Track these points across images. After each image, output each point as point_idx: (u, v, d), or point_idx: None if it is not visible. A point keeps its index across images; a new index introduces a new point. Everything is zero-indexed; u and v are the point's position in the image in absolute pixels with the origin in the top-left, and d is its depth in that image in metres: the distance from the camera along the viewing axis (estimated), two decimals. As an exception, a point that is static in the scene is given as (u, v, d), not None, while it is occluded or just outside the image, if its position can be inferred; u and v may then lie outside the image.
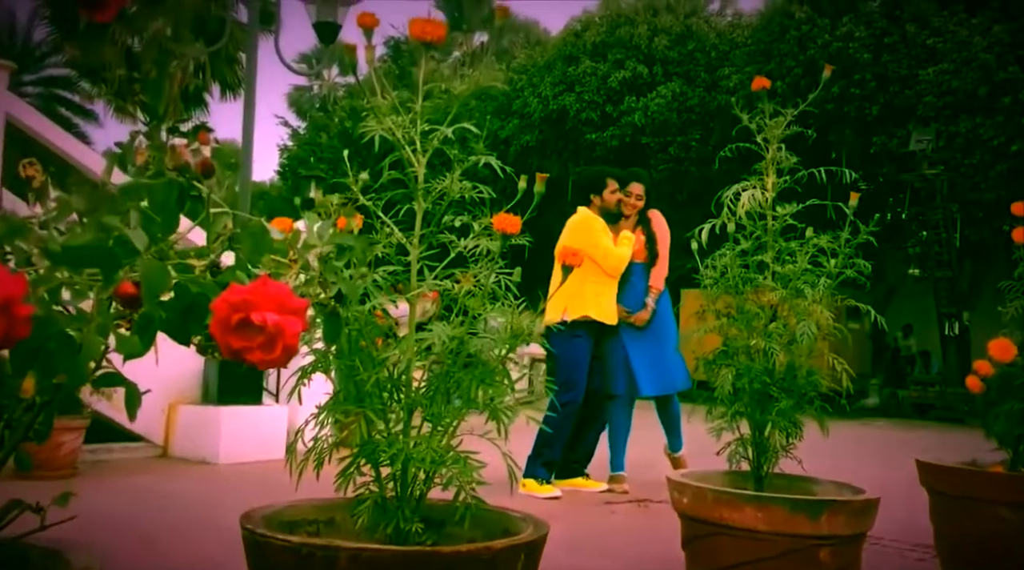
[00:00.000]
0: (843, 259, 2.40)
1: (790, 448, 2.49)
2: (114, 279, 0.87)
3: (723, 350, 2.45)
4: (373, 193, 1.68)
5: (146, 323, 0.94)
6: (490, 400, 1.55)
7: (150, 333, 0.95)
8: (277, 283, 0.84)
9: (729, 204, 2.42)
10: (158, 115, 2.30)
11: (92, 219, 0.87)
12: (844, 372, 2.35)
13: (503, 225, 1.52)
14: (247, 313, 0.83)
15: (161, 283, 0.87)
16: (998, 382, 2.79)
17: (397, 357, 1.57)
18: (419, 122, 1.68)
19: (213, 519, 4.04)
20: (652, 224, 5.17)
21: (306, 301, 0.84)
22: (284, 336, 0.84)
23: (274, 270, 0.99)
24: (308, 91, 33.45)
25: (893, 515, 3.06)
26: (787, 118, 2.48)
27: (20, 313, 0.77)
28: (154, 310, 0.88)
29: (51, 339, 0.87)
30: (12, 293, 0.77)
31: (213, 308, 0.84)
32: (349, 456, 1.69)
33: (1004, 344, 2.72)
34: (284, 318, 0.84)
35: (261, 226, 0.96)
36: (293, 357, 0.87)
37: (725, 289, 2.44)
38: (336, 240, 1.09)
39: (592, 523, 4.23)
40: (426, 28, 1.64)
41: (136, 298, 0.91)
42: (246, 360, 0.85)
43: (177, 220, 0.93)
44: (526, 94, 18.37)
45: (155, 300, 0.88)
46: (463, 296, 1.59)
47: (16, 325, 0.77)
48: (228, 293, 0.84)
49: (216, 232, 0.97)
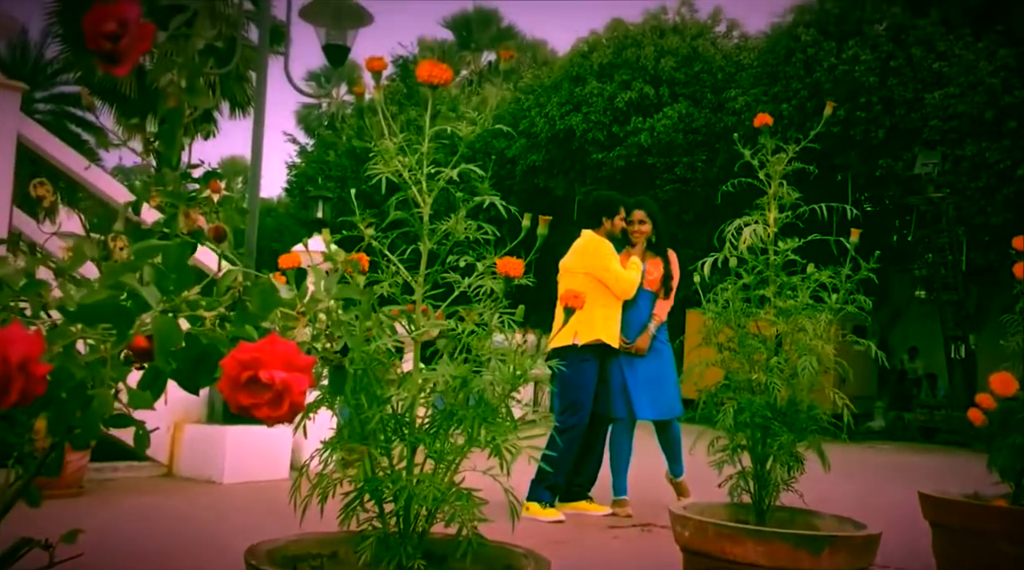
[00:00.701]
0: (844, 294, 2.42)
1: (791, 482, 2.50)
2: (128, 335, 0.90)
3: (725, 383, 2.47)
4: (380, 232, 1.71)
5: (155, 375, 0.96)
6: (492, 438, 1.57)
7: (159, 385, 0.98)
8: (285, 341, 0.86)
9: (731, 239, 2.45)
10: (172, 165, 2.32)
11: (106, 275, 0.90)
12: (845, 407, 2.36)
13: (506, 268, 1.55)
14: (256, 371, 0.85)
15: (173, 339, 0.90)
16: (1000, 416, 2.80)
17: (401, 396, 1.60)
18: (425, 163, 1.71)
19: (218, 540, 4.06)
20: (672, 263, 5.25)
21: (313, 359, 0.87)
22: (291, 393, 0.86)
23: (282, 323, 1.02)
24: (316, 109, 33.70)
25: (896, 545, 3.06)
26: (789, 154, 2.51)
27: (38, 372, 0.80)
28: (165, 366, 0.91)
29: (64, 390, 0.90)
30: (30, 352, 0.80)
31: (223, 366, 0.86)
32: (353, 491, 1.71)
33: (1005, 378, 2.73)
34: (292, 375, 0.86)
35: (270, 283, 0.99)
36: (299, 413, 0.89)
37: (726, 322, 2.46)
38: (342, 295, 1.12)
39: (595, 548, 4.22)
40: (433, 72, 1.67)
41: (148, 351, 0.94)
42: (254, 416, 0.87)
43: (190, 278, 0.96)
44: (533, 114, 18.47)
45: (167, 355, 0.90)
46: (466, 335, 1.61)
47: (33, 383, 0.80)
48: (238, 351, 0.86)
49: (227, 285, 1.00)
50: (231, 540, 4.09)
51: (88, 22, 1.09)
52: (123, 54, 1.10)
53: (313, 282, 1.12)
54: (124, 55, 1.10)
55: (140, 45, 1.10)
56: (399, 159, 1.68)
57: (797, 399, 2.40)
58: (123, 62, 1.11)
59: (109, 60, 1.11)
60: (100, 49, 1.10)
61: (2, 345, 0.79)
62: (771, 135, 2.61)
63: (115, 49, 1.10)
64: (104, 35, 1.09)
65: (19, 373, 0.79)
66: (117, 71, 1.11)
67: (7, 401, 0.79)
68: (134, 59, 1.11)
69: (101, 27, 1.09)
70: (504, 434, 1.59)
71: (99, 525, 4.18)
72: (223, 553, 3.75)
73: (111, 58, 1.10)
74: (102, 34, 1.09)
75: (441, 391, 1.62)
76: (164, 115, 1.19)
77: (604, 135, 17.51)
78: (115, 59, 1.10)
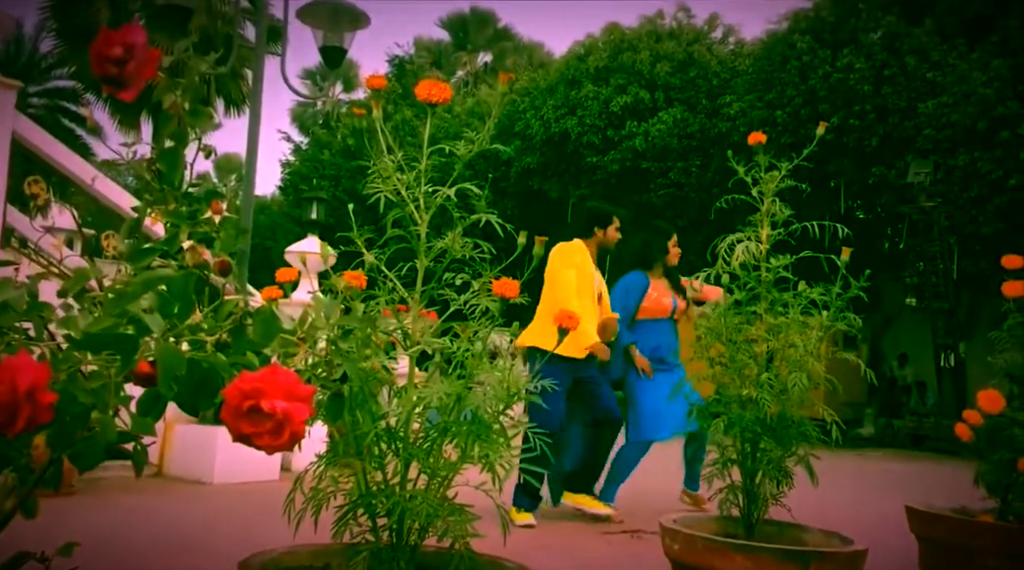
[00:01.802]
0: (834, 312, 2.45)
1: (780, 496, 2.52)
2: (132, 361, 0.92)
3: (716, 398, 2.50)
4: (377, 248, 1.73)
5: (155, 399, 0.98)
6: (485, 455, 1.59)
7: (159, 408, 1.00)
8: (287, 371, 0.88)
9: (724, 255, 2.47)
10: (174, 185, 2.28)
11: (111, 303, 0.92)
12: (834, 424, 2.39)
13: (502, 289, 1.57)
14: (258, 400, 0.87)
15: (177, 366, 0.91)
16: (987, 432, 2.83)
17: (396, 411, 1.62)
18: (423, 181, 1.73)
19: (207, 541, 4.07)
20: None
21: (313, 389, 0.89)
22: (292, 423, 0.88)
23: (283, 350, 1.04)
24: (311, 107, 33.66)
25: (883, 559, 3.09)
26: (782, 172, 2.54)
27: (44, 400, 0.81)
28: (167, 391, 0.93)
29: (69, 414, 0.91)
30: (38, 381, 0.81)
31: (226, 395, 0.88)
32: (347, 504, 1.72)
33: (993, 396, 2.76)
34: (292, 405, 0.88)
35: (271, 312, 1.01)
36: (299, 442, 0.91)
37: (717, 338, 2.49)
38: (342, 323, 1.14)
39: (586, 554, 4.25)
40: (432, 91, 1.69)
41: (151, 377, 0.95)
42: (255, 445, 0.89)
43: (192, 307, 0.98)
44: (528, 116, 18.48)
45: (169, 382, 0.92)
46: (461, 353, 1.63)
47: (40, 411, 0.81)
48: (240, 381, 0.88)
49: (228, 311, 1.02)
50: (220, 542, 4.10)
51: (95, 47, 1.11)
52: (129, 79, 1.12)
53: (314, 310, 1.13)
54: (130, 80, 1.12)
55: (146, 70, 1.12)
56: (397, 176, 1.70)
57: (787, 414, 2.43)
58: (129, 87, 1.12)
59: (115, 85, 1.12)
60: (106, 74, 1.11)
61: (10, 374, 0.81)
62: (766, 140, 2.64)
63: (121, 74, 1.12)
64: (110, 60, 1.11)
65: (26, 401, 0.80)
66: (123, 96, 1.13)
67: (14, 429, 0.81)
68: (140, 85, 1.12)
69: (107, 52, 1.11)
70: (497, 451, 1.61)
71: (89, 525, 4.19)
72: (213, 556, 3.76)
73: (117, 83, 1.12)
74: (108, 59, 1.11)
75: (436, 407, 1.64)
76: (169, 136, 1.21)
77: (599, 139, 17.54)
78: (121, 84, 1.12)
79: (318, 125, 30.04)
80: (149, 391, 0.98)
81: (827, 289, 2.46)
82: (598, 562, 4.14)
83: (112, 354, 0.93)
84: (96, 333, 0.90)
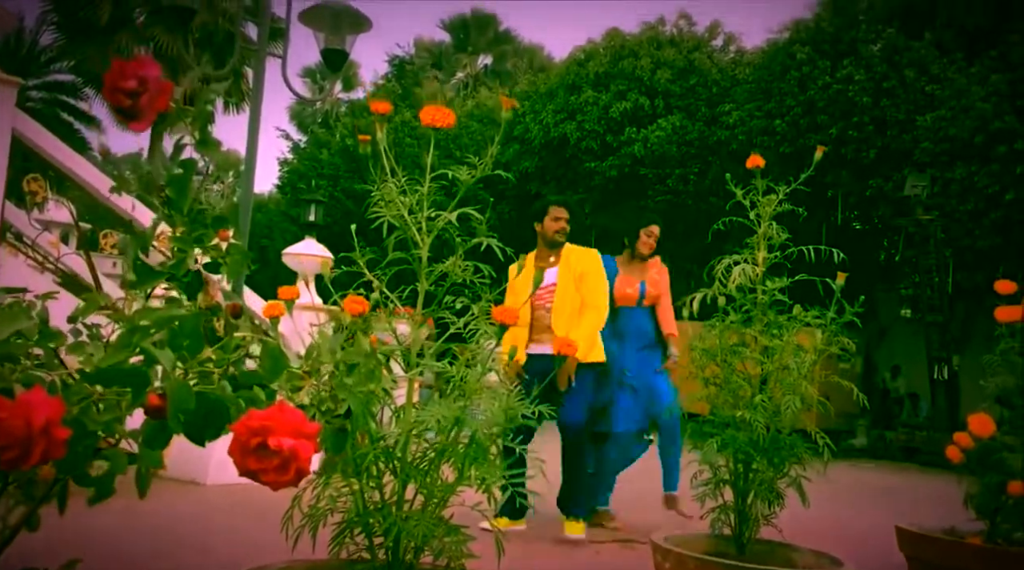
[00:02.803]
0: (828, 336, 2.48)
1: (771, 516, 2.55)
2: (143, 395, 0.94)
3: (710, 418, 2.52)
4: (379, 270, 1.76)
5: (161, 430, 1.00)
6: (482, 479, 1.62)
7: (164, 438, 1.02)
8: (294, 409, 0.90)
9: (720, 277, 2.50)
10: (182, 211, 2.28)
11: (122, 337, 0.94)
12: (826, 447, 2.42)
13: (502, 316, 1.59)
14: (265, 438, 0.90)
15: (187, 401, 0.94)
16: (977, 455, 2.86)
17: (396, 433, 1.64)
18: (425, 205, 1.75)
19: (201, 542, 4.09)
20: (660, 276, 5.32)
21: (319, 426, 0.91)
22: (298, 460, 0.91)
23: (289, 384, 1.06)
24: (311, 106, 33.64)
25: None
26: (779, 196, 2.57)
27: (59, 436, 0.84)
28: (177, 426, 0.95)
29: (80, 446, 0.94)
30: (52, 417, 0.83)
31: (233, 431, 0.90)
32: (344, 522, 1.75)
33: (983, 419, 2.79)
34: (299, 442, 0.90)
35: (278, 348, 1.03)
36: (304, 478, 0.93)
37: (712, 359, 2.51)
38: (347, 359, 1.16)
39: (576, 565, 4.27)
40: (436, 116, 1.71)
41: (161, 409, 0.98)
42: (261, 480, 0.91)
43: (203, 345, 1.00)
44: (527, 120, 18.52)
45: (179, 415, 0.95)
46: (458, 377, 1.66)
47: (54, 447, 0.84)
48: (248, 418, 0.90)
49: (235, 343, 1.04)
50: (214, 543, 4.11)
51: (108, 78, 1.13)
52: (142, 111, 1.14)
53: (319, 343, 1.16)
54: (143, 112, 1.14)
55: (159, 102, 1.14)
56: (400, 200, 1.72)
57: (779, 436, 2.45)
58: (141, 118, 1.14)
59: (127, 115, 1.14)
60: (119, 105, 1.14)
61: (25, 409, 0.83)
62: (765, 148, 2.67)
63: (134, 106, 1.14)
64: (124, 92, 1.13)
65: (41, 437, 0.82)
66: (135, 127, 1.15)
67: (28, 463, 0.83)
68: (152, 116, 1.14)
69: (121, 83, 1.13)
70: (494, 474, 1.64)
71: (83, 527, 4.20)
72: (208, 557, 3.78)
73: (130, 114, 1.14)
74: (122, 91, 1.13)
75: (433, 429, 1.66)
76: (179, 164, 1.23)
77: (598, 144, 17.58)
78: (134, 115, 1.14)
79: (317, 124, 30.03)
80: (155, 423, 1.00)
81: (822, 313, 2.49)
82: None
83: (123, 387, 0.95)
84: (109, 369, 0.92)
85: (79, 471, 0.99)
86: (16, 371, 0.97)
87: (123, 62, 1.14)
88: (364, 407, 1.18)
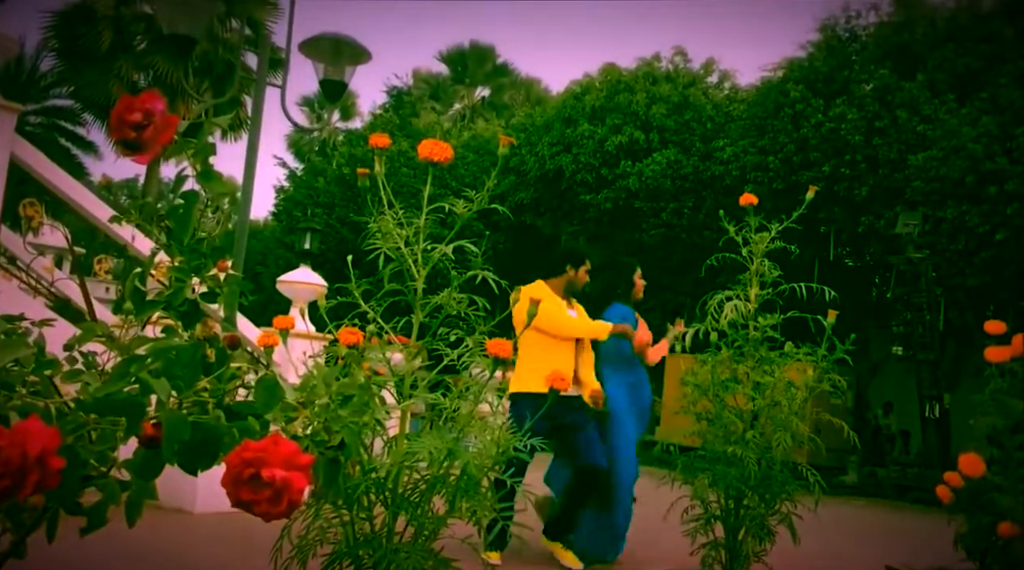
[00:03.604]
0: (820, 372, 2.49)
1: (762, 553, 2.54)
2: (138, 426, 0.95)
3: (701, 454, 2.52)
4: (374, 301, 1.77)
5: (152, 459, 1.01)
6: (473, 511, 1.62)
7: (155, 468, 1.03)
8: (287, 441, 0.91)
9: (713, 313, 2.52)
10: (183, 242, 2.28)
11: (119, 367, 0.95)
12: (817, 484, 2.42)
13: (496, 350, 1.60)
14: (259, 469, 0.90)
15: (182, 432, 0.94)
16: (967, 495, 2.86)
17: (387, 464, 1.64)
18: (422, 237, 1.77)
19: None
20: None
21: (312, 458, 0.92)
22: (290, 491, 0.91)
23: (283, 415, 1.07)
24: (308, 134, 33.80)
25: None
26: (772, 233, 2.59)
27: (53, 465, 0.84)
28: (171, 457, 0.96)
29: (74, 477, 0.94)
30: (47, 446, 0.84)
31: (227, 462, 0.91)
32: (334, 553, 1.74)
33: (974, 459, 2.79)
34: (291, 474, 0.91)
35: (274, 379, 1.04)
36: (296, 509, 0.94)
37: (703, 394, 2.52)
38: (342, 390, 1.17)
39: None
40: (434, 150, 1.73)
41: (156, 439, 0.98)
42: (253, 511, 0.92)
43: (199, 375, 1.01)
44: (524, 152, 18.65)
45: (174, 446, 0.95)
46: (451, 409, 1.66)
47: (48, 477, 0.84)
48: (242, 449, 0.91)
49: (230, 372, 1.05)
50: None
51: (115, 112, 1.15)
52: (146, 144, 1.16)
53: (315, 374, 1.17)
54: (148, 145, 1.15)
55: (163, 136, 1.16)
56: (396, 232, 1.74)
57: (770, 473, 2.45)
58: (146, 151, 1.16)
59: (132, 148, 1.16)
60: (125, 138, 1.15)
61: (22, 438, 0.83)
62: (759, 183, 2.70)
63: (139, 138, 1.15)
64: (129, 125, 1.15)
65: (36, 466, 0.83)
66: (139, 160, 1.17)
67: (23, 493, 0.83)
68: (157, 149, 1.16)
69: (127, 117, 1.15)
70: (485, 506, 1.64)
71: (67, 555, 4.15)
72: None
73: (134, 147, 1.16)
74: (128, 124, 1.14)
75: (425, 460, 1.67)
76: (181, 196, 1.25)
77: (593, 177, 17.70)
78: (138, 148, 1.16)
79: (314, 152, 30.16)
80: (148, 452, 1.01)
81: (813, 349, 2.50)
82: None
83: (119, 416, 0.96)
84: (105, 399, 0.93)
85: (70, 500, 0.99)
86: (12, 399, 0.97)
87: (130, 96, 1.16)
88: (356, 438, 1.19)
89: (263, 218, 29.81)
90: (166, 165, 22.85)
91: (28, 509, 1.26)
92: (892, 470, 14.31)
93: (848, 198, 14.78)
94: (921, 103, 14.59)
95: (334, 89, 8.07)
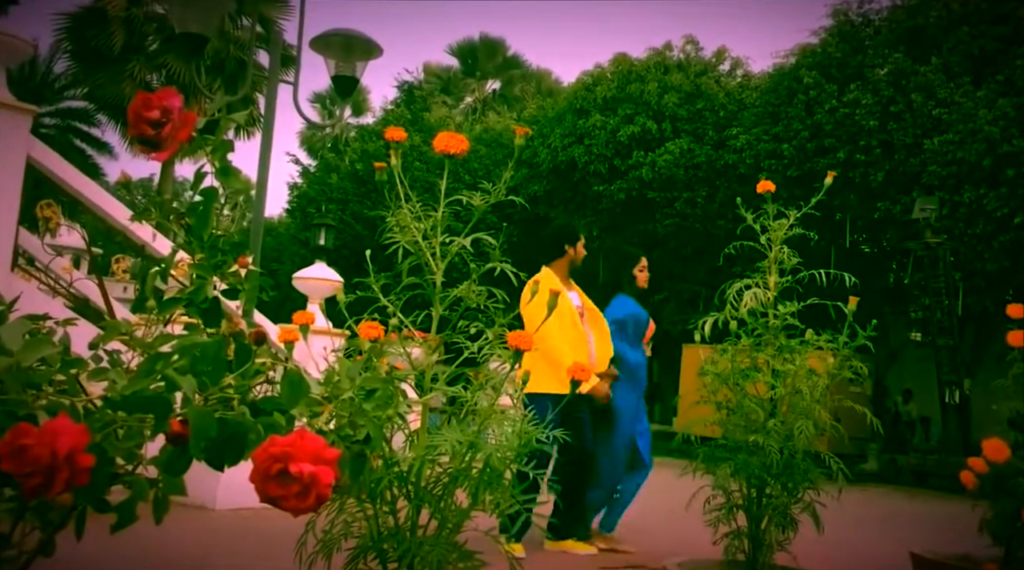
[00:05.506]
0: (841, 359, 2.48)
1: (785, 542, 2.53)
2: (166, 423, 0.95)
3: (722, 443, 2.51)
4: (394, 295, 1.77)
5: (180, 455, 1.01)
6: (496, 504, 1.62)
7: (183, 464, 1.03)
8: (314, 436, 0.91)
9: (732, 301, 2.50)
10: (203, 240, 2.29)
11: (145, 364, 0.95)
12: (840, 471, 2.41)
13: (517, 341, 1.60)
14: (286, 464, 0.90)
15: (209, 429, 0.94)
16: (992, 480, 2.84)
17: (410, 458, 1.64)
18: (439, 230, 1.76)
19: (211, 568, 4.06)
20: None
21: (339, 452, 0.92)
22: (318, 486, 0.91)
23: (309, 410, 1.07)
24: (321, 130, 33.87)
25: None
26: (791, 220, 2.57)
27: (83, 463, 0.84)
28: (198, 453, 0.96)
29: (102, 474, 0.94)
30: (77, 445, 0.84)
31: (254, 458, 0.91)
32: (358, 548, 1.75)
33: (998, 444, 2.77)
34: (319, 469, 0.91)
35: (299, 374, 1.04)
36: (324, 503, 0.94)
37: (724, 383, 2.51)
38: (365, 384, 1.17)
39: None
40: (450, 143, 1.73)
41: (183, 436, 0.98)
42: (282, 507, 0.92)
43: (224, 371, 1.01)
44: (536, 144, 18.61)
45: (200, 442, 0.95)
46: (472, 401, 1.66)
47: (78, 474, 0.84)
48: (269, 444, 0.91)
49: (255, 368, 1.05)
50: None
51: (132, 109, 1.15)
52: (165, 141, 1.16)
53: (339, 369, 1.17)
54: (165, 142, 1.16)
55: (181, 133, 1.16)
56: (414, 225, 1.74)
57: (792, 461, 2.44)
58: (164, 148, 1.16)
59: (150, 145, 1.16)
60: (142, 135, 1.15)
61: (51, 437, 0.84)
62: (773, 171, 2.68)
63: (157, 136, 1.16)
64: (147, 122, 1.15)
65: (65, 465, 0.83)
66: (157, 157, 1.17)
67: (52, 491, 0.84)
68: (174, 146, 1.16)
69: (145, 114, 1.15)
70: (508, 499, 1.64)
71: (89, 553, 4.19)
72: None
73: (152, 144, 1.16)
74: (146, 121, 1.15)
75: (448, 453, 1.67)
76: (199, 193, 1.25)
77: (605, 168, 17.65)
78: (156, 145, 1.16)
79: (327, 148, 30.20)
80: (175, 449, 1.01)
81: (834, 337, 2.49)
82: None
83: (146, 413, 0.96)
84: (133, 396, 0.93)
85: (98, 497, 0.99)
86: (40, 398, 0.98)
87: (147, 94, 1.16)
88: (380, 431, 1.19)
89: (277, 215, 29.91)
90: (180, 164, 22.95)
91: (56, 507, 1.27)
92: (913, 457, 14.23)
93: (864, 184, 14.67)
94: (936, 87, 14.44)
95: (346, 85, 8.06)
